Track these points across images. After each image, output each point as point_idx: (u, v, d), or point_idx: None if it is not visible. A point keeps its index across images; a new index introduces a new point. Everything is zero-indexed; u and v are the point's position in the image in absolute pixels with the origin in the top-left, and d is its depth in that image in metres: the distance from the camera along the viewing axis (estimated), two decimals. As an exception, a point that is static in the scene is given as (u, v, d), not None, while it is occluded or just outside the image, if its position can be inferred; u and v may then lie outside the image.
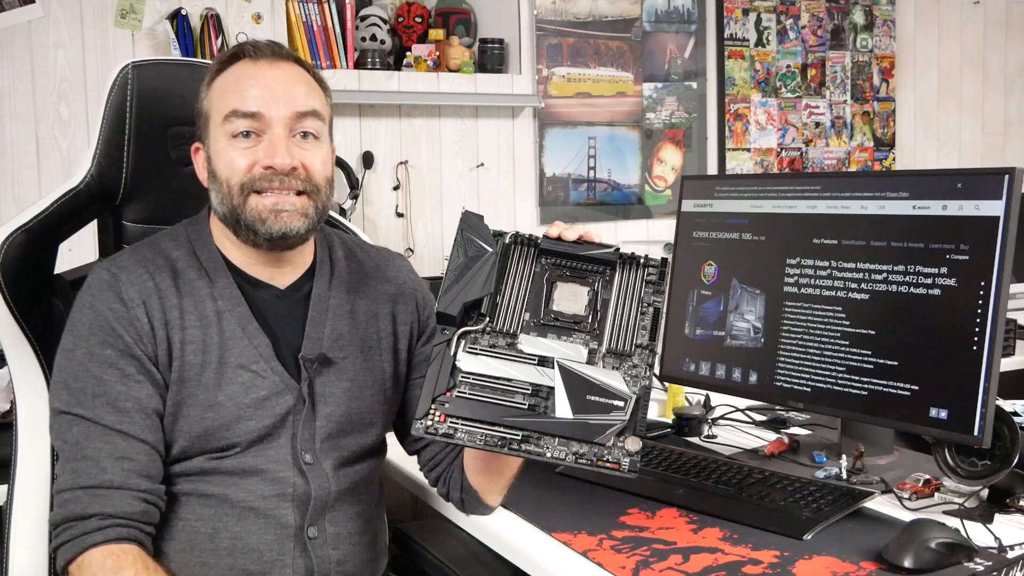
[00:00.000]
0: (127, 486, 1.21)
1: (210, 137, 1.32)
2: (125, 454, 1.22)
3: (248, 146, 1.29)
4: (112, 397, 1.24)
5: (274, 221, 1.29)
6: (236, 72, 1.31)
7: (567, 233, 1.27)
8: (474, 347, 1.22)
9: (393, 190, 3.24)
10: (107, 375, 1.25)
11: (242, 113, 1.28)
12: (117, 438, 1.23)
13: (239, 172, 1.28)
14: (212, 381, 1.29)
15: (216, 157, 1.31)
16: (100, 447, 1.22)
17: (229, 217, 1.31)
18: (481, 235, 1.25)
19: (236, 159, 1.29)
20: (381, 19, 3.18)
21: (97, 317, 1.27)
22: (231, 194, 1.29)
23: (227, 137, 1.29)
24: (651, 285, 1.25)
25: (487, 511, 1.45)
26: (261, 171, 1.28)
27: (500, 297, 1.25)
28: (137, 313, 1.27)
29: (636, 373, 1.21)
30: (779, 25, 3.88)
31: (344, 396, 1.36)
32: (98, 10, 2.79)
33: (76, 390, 1.25)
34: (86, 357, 1.26)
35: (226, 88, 1.30)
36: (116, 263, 1.32)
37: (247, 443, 1.29)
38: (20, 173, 2.74)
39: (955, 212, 1.49)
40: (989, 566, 1.24)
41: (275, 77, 1.30)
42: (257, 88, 1.29)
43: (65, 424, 1.25)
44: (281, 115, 1.29)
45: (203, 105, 1.33)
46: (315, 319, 1.37)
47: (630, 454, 1.16)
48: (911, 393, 1.51)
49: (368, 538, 1.40)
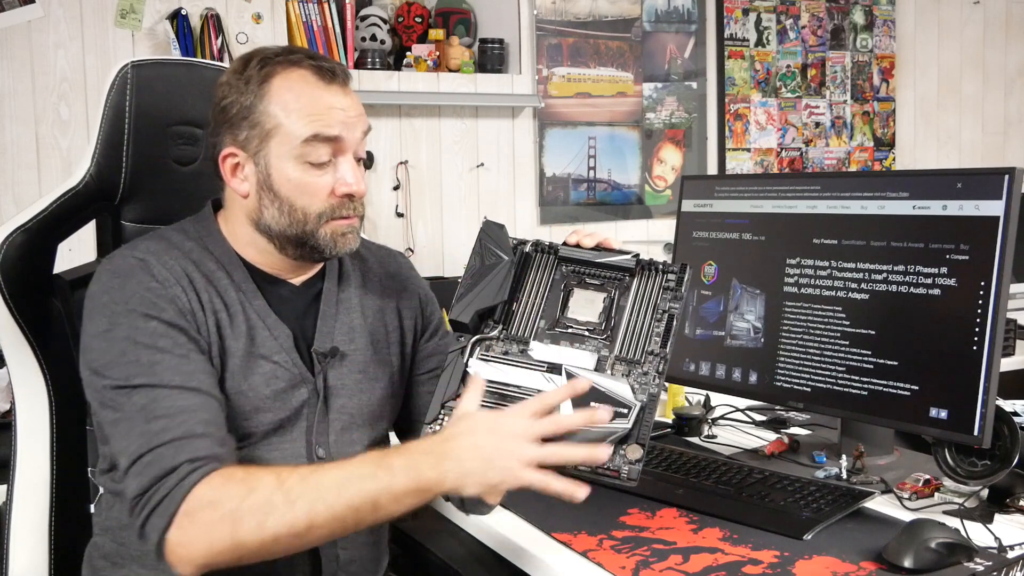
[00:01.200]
0: (209, 434, 1.15)
1: (271, 153, 1.27)
2: (202, 407, 1.17)
3: (323, 173, 1.27)
4: (173, 362, 1.18)
5: (343, 244, 1.31)
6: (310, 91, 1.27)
7: (585, 240, 1.27)
8: (487, 354, 1.22)
9: (393, 190, 3.24)
10: (161, 343, 1.19)
11: (324, 137, 1.26)
12: (189, 394, 1.17)
13: (318, 200, 1.27)
14: (238, 368, 1.27)
15: (283, 178, 1.27)
16: (172, 404, 1.15)
17: (292, 238, 1.29)
18: (500, 244, 1.26)
19: (314, 185, 1.27)
20: (381, 19, 3.18)
21: (132, 295, 1.22)
22: (305, 220, 1.28)
23: (302, 160, 1.26)
24: (669, 292, 1.24)
25: (487, 510, 1.45)
26: (338, 199, 1.28)
27: (516, 304, 1.25)
28: (175, 292, 1.24)
29: (645, 380, 1.20)
30: (779, 25, 3.89)
31: (355, 388, 1.36)
32: (98, 10, 2.80)
33: (129, 363, 1.18)
34: (131, 331, 1.19)
35: (301, 107, 1.26)
36: (139, 249, 1.28)
37: (261, 435, 1.28)
38: (20, 173, 2.74)
39: (955, 212, 1.49)
40: (989, 566, 1.24)
41: (350, 103, 1.30)
42: (339, 113, 1.27)
43: (123, 396, 1.17)
44: (356, 139, 1.29)
45: (256, 113, 1.27)
46: (326, 313, 1.37)
47: (631, 462, 1.15)
48: (911, 393, 1.51)
49: (374, 538, 1.41)
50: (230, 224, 1.35)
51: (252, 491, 1.09)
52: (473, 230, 3.36)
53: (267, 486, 1.09)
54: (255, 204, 1.29)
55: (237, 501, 1.08)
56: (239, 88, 1.27)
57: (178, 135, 1.47)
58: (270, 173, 1.27)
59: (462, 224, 3.37)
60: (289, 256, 1.33)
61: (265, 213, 1.29)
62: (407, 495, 1.10)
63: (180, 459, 1.11)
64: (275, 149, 1.26)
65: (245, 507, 1.08)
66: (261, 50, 1.32)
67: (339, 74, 1.30)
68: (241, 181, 1.29)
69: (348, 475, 1.10)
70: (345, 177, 1.28)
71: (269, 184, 1.27)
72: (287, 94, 1.26)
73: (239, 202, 1.31)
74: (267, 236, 1.31)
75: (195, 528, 1.09)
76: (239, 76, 1.28)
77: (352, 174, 1.29)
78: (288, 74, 1.27)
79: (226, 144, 1.29)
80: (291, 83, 1.27)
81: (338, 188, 1.28)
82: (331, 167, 1.28)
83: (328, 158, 1.27)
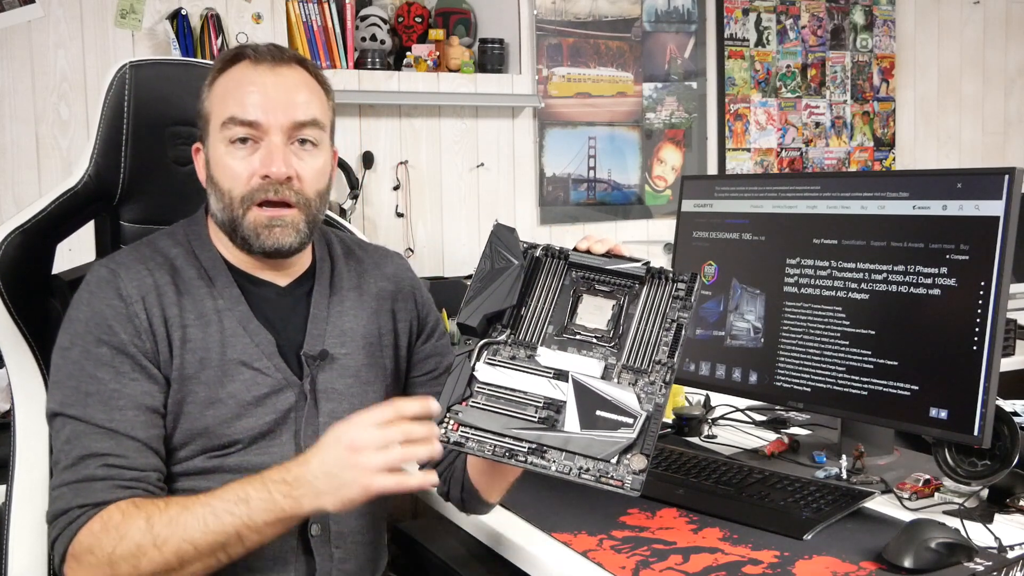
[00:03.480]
0: (109, 477, 1.21)
1: (209, 140, 1.32)
2: (110, 451, 1.22)
3: (246, 154, 1.28)
4: (105, 396, 1.24)
5: (267, 236, 1.30)
6: (237, 75, 1.30)
7: (596, 247, 1.27)
8: (494, 358, 1.22)
9: (393, 190, 3.24)
10: (101, 373, 1.24)
11: (240, 120, 1.27)
12: (104, 436, 1.22)
13: (239, 183, 1.28)
14: (214, 378, 1.28)
15: (215, 163, 1.30)
16: (87, 445, 1.22)
17: (227, 225, 1.31)
18: (510, 248, 1.25)
19: (234, 167, 1.28)
20: (381, 19, 3.18)
21: (94, 315, 1.26)
22: (231, 205, 1.29)
23: (225, 143, 1.29)
24: (678, 300, 1.23)
25: (487, 509, 1.45)
26: (258, 181, 1.28)
27: (525, 309, 1.25)
28: (136, 309, 1.27)
29: (652, 390, 1.19)
30: (779, 25, 3.88)
31: (347, 392, 1.36)
32: (98, 10, 2.80)
33: (70, 389, 1.24)
34: (81, 355, 1.25)
35: (226, 92, 1.30)
36: (115, 260, 1.32)
37: (249, 440, 1.29)
38: (20, 173, 2.74)
39: (955, 212, 1.49)
40: (989, 566, 1.24)
41: (276, 84, 1.30)
42: (257, 95, 1.28)
43: (59, 425, 1.24)
44: (279, 123, 1.28)
45: (203, 106, 1.32)
46: (316, 316, 1.37)
47: (634, 472, 1.15)
48: (911, 393, 1.51)
49: (370, 537, 1.40)
50: (212, 223, 1.37)
51: (123, 538, 1.16)
52: (473, 230, 3.37)
53: (137, 532, 1.16)
54: (208, 194, 1.34)
55: (111, 548, 1.16)
56: (202, 91, 1.33)
57: (177, 135, 1.47)
58: (209, 159, 1.32)
59: (462, 224, 3.37)
60: (247, 252, 1.33)
61: (212, 202, 1.33)
62: (267, 526, 1.15)
63: (74, 503, 1.19)
64: (211, 135, 1.31)
65: (118, 553, 1.15)
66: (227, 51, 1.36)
67: (270, 56, 1.31)
68: (201, 171, 1.35)
69: (209, 512, 1.15)
70: (262, 157, 1.28)
71: (210, 172, 1.32)
72: (226, 82, 1.31)
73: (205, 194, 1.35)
74: (221, 229, 1.33)
75: (81, 569, 1.18)
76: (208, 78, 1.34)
77: (272, 156, 1.28)
78: (231, 67, 1.31)
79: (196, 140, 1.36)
80: (230, 74, 1.31)
81: (259, 169, 1.28)
82: (257, 150, 1.29)
83: (247, 137, 1.28)
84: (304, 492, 1.13)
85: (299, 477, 1.14)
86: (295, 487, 1.14)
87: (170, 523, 1.15)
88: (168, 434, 1.28)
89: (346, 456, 1.12)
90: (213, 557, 1.16)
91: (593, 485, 1.16)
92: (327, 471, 1.13)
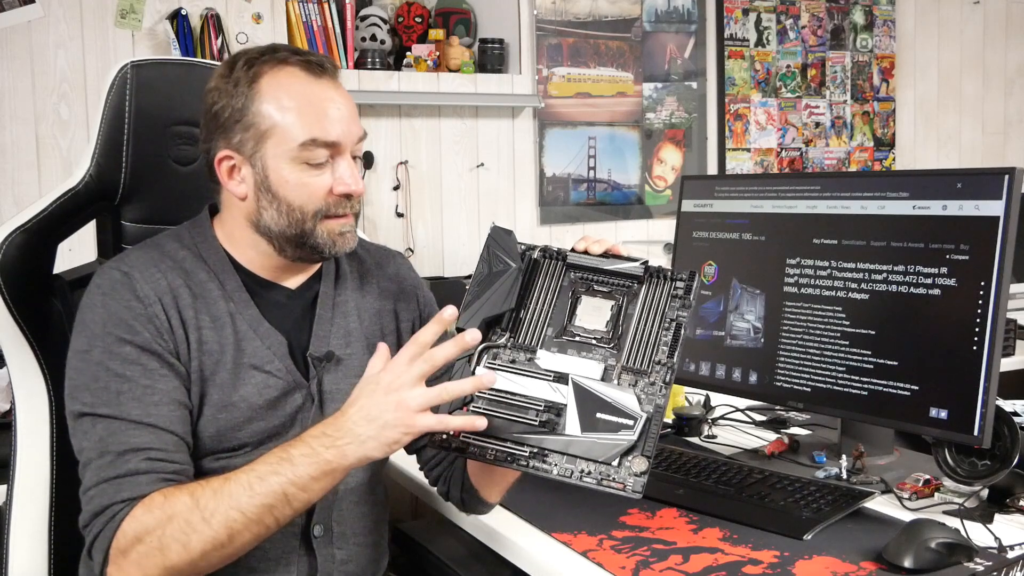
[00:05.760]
0: (153, 470, 1.18)
1: (267, 154, 1.26)
2: (151, 444, 1.19)
3: (320, 172, 1.27)
4: (138, 392, 1.21)
5: (341, 243, 1.30)
6: (302, 89, 1.26)
7: (593, 247, 1.26)
8: (494, 362, 1.22)
9: (393, 190, 3.24)
10: (130, 371, 1.22)
11: (322, 142, 1.26)
12: (144, 431, 1.19)
13: (315, 199, 1.27)
14: (227, 381, 1.27)
15: (281, 180, 1.27)
16: (125, 441, 1.19)
17: (291, 238, 1.29)
18: (508, 250, 1.25)
19: (311, 184, 1.27)
20: (381, 19, 3.18)
21: (112, 316, 1.24)
22: (303, 219, 1.28)
23: (299, 163, 1.26)
24: (677, 300, 1.23)
25: (487, 509, 1.45)
26: (335, 198, 1.28)
27: (524, 312, 1.24)
28: (155, 310, 1.25)
29: (652, 391, 1.19)
30: (779, 25, 3.88)
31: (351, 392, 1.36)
32: (98, 10, 2.80)
33: (98, 390, 1.21)
34: (104, 356, 1.22)
35: (299, 109, 1.25)
36: (125, 263, 1.29)
37: (256, 443, 1.29)
38: (20, 173, 2.74)
39: (955, 212, 1.49)
40: (989, 566, 1.24)
41: (343, 99, 1.29)
42: (335, 113, 1.27)
43: (88, 425, 1.21)
44: (351, 141, 1.29)
45: (249, 116, 1.26)
46: (322, 317, 1.37)
47: (635, 474, 1.15)
48: (911, 393, 1.51)
49: (372, 538, 1.41)
50: (227, 228, 1.34)
51: (171, 518, 1.13)
52: (473, 230, 3.37)
53: (183, 509, 1.13)
54: (253, 206, 1.29)
55: (159, 531, 1.13)
56: (228, 92, 1.27)
57: (178, 135, 1.47)
58: (268, 175, 1.27)
59: (462, 224, 3.37)
60: (288, 257, 1.32)
61: (264, 214, 1.28)
62: (314, 481, 1.13)
63: (118, 498, 1.16)
64: (271, 150, 1.26)
65: (167, 535, 1.13)
66: (244, 52, 1.31)
67: (328, 67, 1.30)
68: (238, 183, 1.29)
69: (254, 476, 1.13)
70: (344, 177, 1.28)
71: (267, 185, 1.27)
72: (279, 92, 1.26)
73: (237, 205, 1.31)
74: (267, 237, 1.30)
75: (129, 564, 1.15)
76: (227, 80, 1.28)
77: (351, 174, 1.28)
78: (276, 72, 1.27)
79: (220, 148, 1.28)
80: (280, 80, 1.26)
81: (336, 188, 1.28)
82: (328, 166, 1.28)
83: (326, 159, 1.27)
84: (348, 441, 1.12)
85: (340, 427, 1.13)
86: (337, 438, 1.12)
87: (215, 494, 1.13)
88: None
89: (384, 399, 1.12)
90: (261, 524, 1.14)
91: (595, 488, 1.15)
92: (367, 416, 1.12)
